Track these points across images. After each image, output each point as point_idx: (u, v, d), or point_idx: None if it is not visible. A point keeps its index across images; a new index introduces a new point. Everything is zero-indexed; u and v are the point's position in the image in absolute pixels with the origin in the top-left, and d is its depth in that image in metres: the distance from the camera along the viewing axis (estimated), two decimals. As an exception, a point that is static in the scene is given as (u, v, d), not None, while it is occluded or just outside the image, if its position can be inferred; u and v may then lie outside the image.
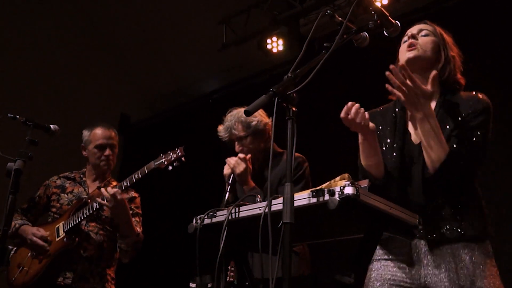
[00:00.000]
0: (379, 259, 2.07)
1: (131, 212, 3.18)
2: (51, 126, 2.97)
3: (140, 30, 6.91)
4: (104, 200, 3.00)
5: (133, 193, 3.34)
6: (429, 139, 1.93)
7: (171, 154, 2.99)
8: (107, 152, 3.32)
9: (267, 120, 2.98)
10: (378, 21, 1.97)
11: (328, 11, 2.01)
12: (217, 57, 6.44)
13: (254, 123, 2.93)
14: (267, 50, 5.87)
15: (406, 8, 4.97)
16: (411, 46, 2.10)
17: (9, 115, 2.91)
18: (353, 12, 1.94)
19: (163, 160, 2.99)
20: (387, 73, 1.92)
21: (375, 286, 2.02)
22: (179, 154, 2.97)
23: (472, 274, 1.88)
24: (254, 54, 6.07)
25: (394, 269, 2.02)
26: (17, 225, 3.23)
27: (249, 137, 2.94)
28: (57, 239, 3.14)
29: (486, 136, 1.99)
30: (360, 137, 2.07)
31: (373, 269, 2.07)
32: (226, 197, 2.71)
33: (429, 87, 2.00)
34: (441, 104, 2.06)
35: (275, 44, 5.81)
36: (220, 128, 3.03)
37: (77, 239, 3.11)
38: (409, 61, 2.08)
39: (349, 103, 1.98)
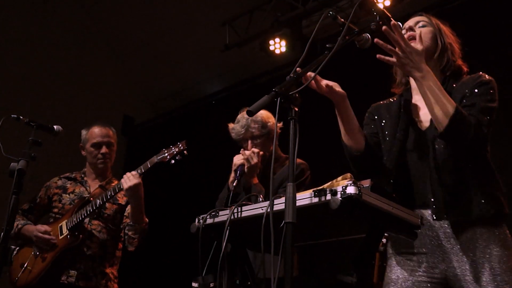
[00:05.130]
0: (397, 253, 2.06)
1: None
2: (55, 126, 2.98)
3: (143, 32, 6.93)
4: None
5: None
6: (434, 94, 1.90)
7: (173, 148, 3.00)
8: (103, 150, 3.33)
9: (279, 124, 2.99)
10: (380, 22, 1.97)
11: (331, 12, 2.00)
12: (220, 58, 6.46)
13: (270, 124, 2.99)
14: (269, 52, 5.89)
15: (408, 9, 4.96)
16: (411, 39, 2.09)
17: (12, 115, 2.92)
18: (355, 13, 1.94)
19: (166, 154, 3.00)
20: (375, 40, 1.89)
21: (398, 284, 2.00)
22: (181, 147, 2.98)
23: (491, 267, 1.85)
24: (257, 55, 6.09)
25: (413, 263, 2.00)
26: (19, 226, 3.24)
27: (263, 137, 2.98)
28: (61, 237, 3.14)
29: (490, 104, 1.95)
30: (335, 106, 2.06)
31: (392, 266, 2.06)
32: (234, 184, 2.75)
33: (418, 46, 1.96)
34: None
35: (278, 46, 5.84)
36: (235, 125, 3.02)
37: (81, 236, 3.12)
38: None
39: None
